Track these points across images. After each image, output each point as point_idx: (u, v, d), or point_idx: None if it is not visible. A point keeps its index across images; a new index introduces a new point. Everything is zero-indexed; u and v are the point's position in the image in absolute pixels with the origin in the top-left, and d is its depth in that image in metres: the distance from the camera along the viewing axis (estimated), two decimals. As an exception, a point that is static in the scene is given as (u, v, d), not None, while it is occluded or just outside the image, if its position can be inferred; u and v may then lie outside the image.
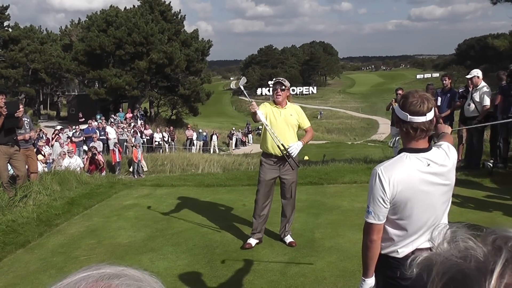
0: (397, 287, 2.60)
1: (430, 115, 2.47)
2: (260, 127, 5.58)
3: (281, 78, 5.48)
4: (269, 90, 76.98)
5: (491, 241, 0.62)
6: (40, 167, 12.09)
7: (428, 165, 2.50)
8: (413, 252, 2.58)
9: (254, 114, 5.33)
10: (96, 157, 15.43)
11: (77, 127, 21.98)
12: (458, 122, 9.60)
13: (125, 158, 19.92)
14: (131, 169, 18.45)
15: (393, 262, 2.63)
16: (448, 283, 0.61)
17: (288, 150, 5.28)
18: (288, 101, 5.53)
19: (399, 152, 2.61)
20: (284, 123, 5.39)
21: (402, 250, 2.60)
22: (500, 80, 8.83)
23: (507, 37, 12.16)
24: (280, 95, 5.38)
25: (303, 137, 5.47)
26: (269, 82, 70.20)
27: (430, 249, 2.31)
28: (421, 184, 2.50)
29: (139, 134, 23.82)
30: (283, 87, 5.39)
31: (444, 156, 2.58)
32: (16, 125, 7.82)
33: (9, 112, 7.48)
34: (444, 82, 9.68)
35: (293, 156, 5.33)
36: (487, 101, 8.61)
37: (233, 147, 32.42)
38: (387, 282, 2.69)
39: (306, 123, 5.58)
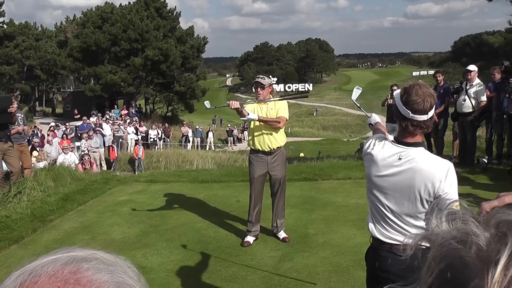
0: (377, 279, 2.60)
1: (431, 113, 2.45)
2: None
3: (260, 77, 5.42)
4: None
5: (495, 226, 0.55)
6: (43, 164, 12.09)
7: (399, 159, 2.51)
8: (390, 245, 2.56)
9: (240, 112, 5.30)
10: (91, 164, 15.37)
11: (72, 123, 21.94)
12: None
13: (121, 155, 19.89)
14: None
15: (373, 253, 2.68)
16: (445, 270, 0.54)
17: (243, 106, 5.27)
18: (272, 96, 5.52)
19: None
20: (267, 117, 5.40)
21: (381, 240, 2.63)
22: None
23: (502, 34, 12.17)
24: (260, 94, 5.40)
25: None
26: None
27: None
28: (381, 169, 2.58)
29: (134, 130, 23.81)
30: (263, 86, 5.38)
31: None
32: (9, 121, 7.79)
33: (1, 108, 7.45)
34: (438, 78, 9.66)
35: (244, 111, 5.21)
36: (483, 97, 8.62)
37: (235, 144, 32.45)
38: (369, 273, 2.75)
39: (280, 112, 5.42)
